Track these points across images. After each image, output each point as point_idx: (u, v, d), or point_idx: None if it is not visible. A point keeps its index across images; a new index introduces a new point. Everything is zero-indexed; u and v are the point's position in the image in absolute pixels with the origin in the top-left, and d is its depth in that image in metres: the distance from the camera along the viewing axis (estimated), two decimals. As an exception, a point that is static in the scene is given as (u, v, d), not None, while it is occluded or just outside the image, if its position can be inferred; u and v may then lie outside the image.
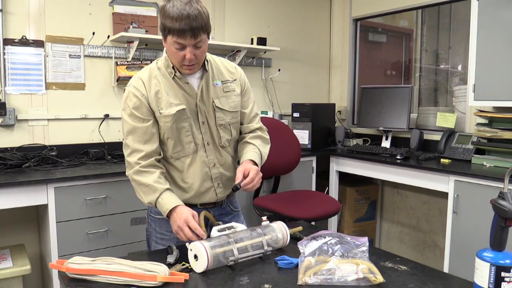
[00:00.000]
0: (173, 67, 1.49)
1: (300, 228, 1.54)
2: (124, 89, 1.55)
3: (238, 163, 1.61)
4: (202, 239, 1.30)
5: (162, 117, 1.48)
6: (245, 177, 1.44)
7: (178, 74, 1.49)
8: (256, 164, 1.52)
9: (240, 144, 1.64)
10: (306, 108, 3.41)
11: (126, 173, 1.52)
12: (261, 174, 1.48)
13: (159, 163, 1.51)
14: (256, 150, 1.58)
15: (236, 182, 1.43)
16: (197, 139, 1.53)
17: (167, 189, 1.46)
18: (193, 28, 1.34)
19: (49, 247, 2.21)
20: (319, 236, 1.29)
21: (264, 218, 1.46)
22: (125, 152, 1.51)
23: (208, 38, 1.45)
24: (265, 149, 1.64)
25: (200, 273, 1.22)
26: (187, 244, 1.28)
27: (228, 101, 1.56)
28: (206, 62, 1.52)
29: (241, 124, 1.65)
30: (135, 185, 1.50)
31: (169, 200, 1.42)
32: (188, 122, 1.50)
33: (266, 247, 1.33)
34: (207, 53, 1.56)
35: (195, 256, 1.24)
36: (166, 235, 1.59)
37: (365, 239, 1.27)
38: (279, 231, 1.41)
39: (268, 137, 1.69)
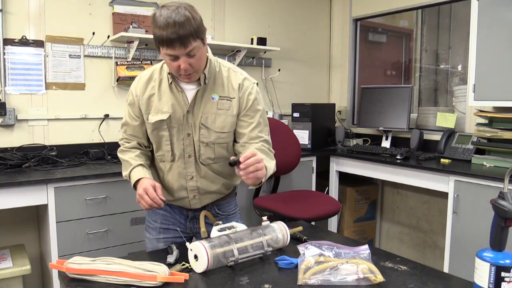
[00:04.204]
0: (169, 73, 1.45)
1: (300, 228, 1.54)
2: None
3: (228, 177, 1.60)
4: (160, 207, 1.39)
5: (146, 122, 1.52)
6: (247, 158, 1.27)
7: (174, 81, 1.45)
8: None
9: (241, 147, 1.52)
10: (306, 108, 3.41)
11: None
12: (263, 164, 1.30)
13: (143, 148, 1.58)
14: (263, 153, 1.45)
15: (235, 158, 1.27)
16: (176, 149, 1.50)
17: (140, 164, 1.50)
18: (180, 36, 1.26)
19: (49, 247, 2.21)
20: (319, 244, 1.29)
21: (265, 218, 1.46)
22: (119, 134, 1.61)
23: (204, 43, 1.36)
24: (271, 164, 1.47)
25: (200, 273, 1.22)
26: (187, 244, 1.29)
27: (217, 120, 1.47)
28: (205, 74, 1.44)
29: (238, 141, 1.54)
30: (120, 160, 1.58)
31: (136, 174, 1.47)
32: (168, 132, 1.48)
33: (266, 248, 1.33)
34: (218, 60, 1.51)
35: (195, 256, 1.24)
36: (151, 224, 1.66)
37: (365, 247, 1.27)
38: (279, 231, 1.41)
39: (273, 153, 1.55)
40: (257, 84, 1.57)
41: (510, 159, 2.54)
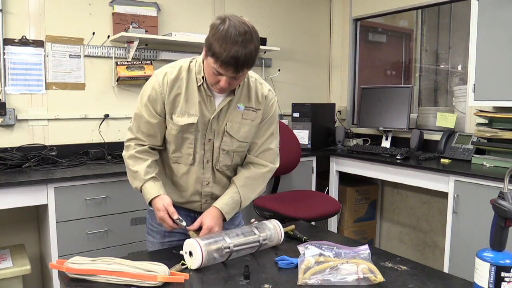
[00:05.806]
0: (203, 77, 1.41)
1: (292, 226, 1.54)
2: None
3: None
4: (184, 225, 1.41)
5: (170, 123, 1.46)
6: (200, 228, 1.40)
7: (205, 85, 1.42)
8: (223, 213, 1.46)
9: (234, 177, 1.56)
10: (306, 108, 3.41)
11: (123, 154, 1.53)
12: (216, 229, 1.41)
13: (154, 150, 1.52)
14: (236, 196, 1.50)
15: (190, 232, 1.40)
16: (197, 154, 1.49)
17: (151, 178, 1.46)
18: (238, 64, 1.25)
19: (49, 247, 2.21)
20: (319, 244, 1.29)
21: (253, 220, 1.48)
22: (128, 135, 1.52)
23: (250, 69, 1.37)
24: (251, 194, 1.55)
25: (200, 273, 1.22)
26: (181, 251, 1.30)
27: (241, 129, 1.48)
28: (239, 84, 1.44)
29: (248, 152, 1.57)
30: (127, 168, 1.51)
31: (150, 190, 1.44)
32: (194, 135, 1.46)
33: (261, 241, 1.35)
34: None
35: (190, 253, 1.24)
36: (154, 227, 1.61)
37: (365, 247, 1.27)
38: (273, 228, 1.42)
39: (266, 178, 1.59)
40: None
41: (510, 159, 2.54)
